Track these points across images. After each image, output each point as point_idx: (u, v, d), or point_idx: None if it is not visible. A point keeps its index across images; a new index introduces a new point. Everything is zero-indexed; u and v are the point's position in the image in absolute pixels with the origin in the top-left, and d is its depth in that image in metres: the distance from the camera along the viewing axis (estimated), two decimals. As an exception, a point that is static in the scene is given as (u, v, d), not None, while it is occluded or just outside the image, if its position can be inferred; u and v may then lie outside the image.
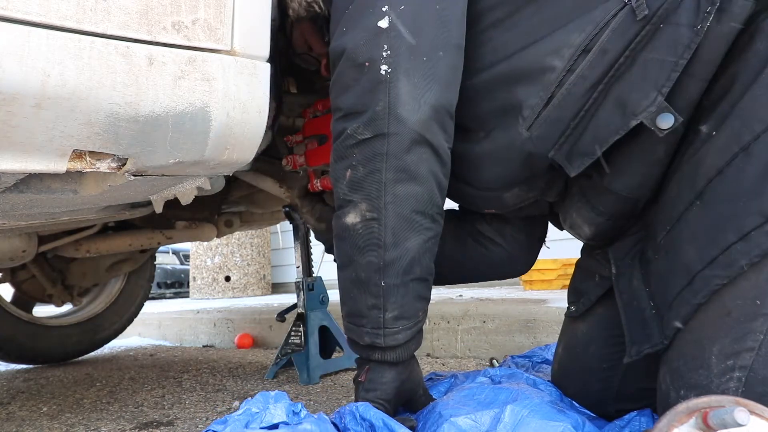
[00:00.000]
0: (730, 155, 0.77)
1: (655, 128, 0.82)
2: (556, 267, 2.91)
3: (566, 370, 1.08)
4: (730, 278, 0.74)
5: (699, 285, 0.77)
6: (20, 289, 2.28)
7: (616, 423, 0.93)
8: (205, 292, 4.67)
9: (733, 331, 0.73)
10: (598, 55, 0.84)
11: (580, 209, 0.99)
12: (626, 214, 0.95)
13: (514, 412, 0.85)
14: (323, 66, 1.24)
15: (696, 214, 0.79)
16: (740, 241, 0.73)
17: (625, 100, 0.84)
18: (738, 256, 0.73)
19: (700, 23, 0.80)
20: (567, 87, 0.86)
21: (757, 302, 0.72)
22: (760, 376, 0.71)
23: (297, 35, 1.20)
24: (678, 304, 0.80)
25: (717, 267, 0.75)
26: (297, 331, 1.86)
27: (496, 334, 2.02)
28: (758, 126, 0.75)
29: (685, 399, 0.74)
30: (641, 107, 0.83)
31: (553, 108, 0.88)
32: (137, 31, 0.74)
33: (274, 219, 2.22)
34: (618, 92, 0.85)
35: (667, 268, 0.83)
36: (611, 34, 0.83)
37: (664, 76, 0.82)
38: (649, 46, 0.83)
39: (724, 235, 0.75)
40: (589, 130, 0.87)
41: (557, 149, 0.90)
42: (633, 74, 0.84)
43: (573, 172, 0.90)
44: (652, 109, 0.82)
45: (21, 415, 1.59)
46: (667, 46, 0.82)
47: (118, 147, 0.79)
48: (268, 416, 0.83)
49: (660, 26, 0.82)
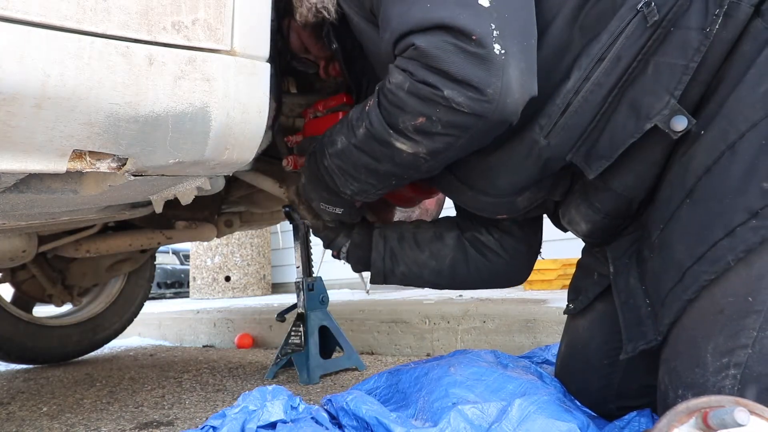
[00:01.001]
0: (717, 154, 0.79)
1: (669, 131, 0.83)
2: (556, 267, 2.90)
3: (568, 367, 1.10)
4: (717, 274, 0.76)
5: (689, 281, 0.79)
6: (20, 289, 2.28)
7: (616, 423, 0.93)
8: (205, 292, 4.67)
9: (727, 328, 0.74)
10: (613, 62, 0.85)
11: (578, 206, 1.00)
12: (621, 213, 0.96)
13: (521, 407, 0.85)
14: (322, 68, 1.24)
15: (686, 212, 0.81)
16: (726, 237, 0.75)
17: (638, 104, 0.85)
18: (724, 252, 0.75)
19: (709, 26, 0.81)
20: (583, 94, 0.86)
21: (749, 299, 0.73)
22: (755, 373, 0.72)
23: (294, 38, 1.19)
24: (670, 301, 0.81)
25: (705, 263, 0.77)
26: (297, 331, 1.86)
27: (496, 334, 2.02)
28: (743, 125, 0.77)
29: (683, 398, 0.75)
30: (655, 110, 0.84)
31: (570, 115, 0.88)
32: (137, 31, 0.74)
33: (274, 219, 2.22)
34: (632, 96, 0.86)
35: (661, 265, 0.85)
36: (625, 41, 0.84)
37: (675, 79, 0.83)
38: (660, 50, 0.84)
39: (712, 231, 0.77)
40: (606, 133, 0.88)
41: (575, 152, 0.91)
42: (645, 78, 0.85)
43: (592, 174, 0.91)
44: (666, 112, 0.83)
45: (21, 415, 1.59)
46: (677, 50, 0.83)
47: (118, 147, 0.79)
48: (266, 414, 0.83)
49: (670, 30, 0.83)
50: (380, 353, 2.28)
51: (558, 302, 2.09)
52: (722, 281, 0.76)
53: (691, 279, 0.78)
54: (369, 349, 2.32)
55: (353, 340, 2.18)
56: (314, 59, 1.24)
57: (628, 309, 0.91)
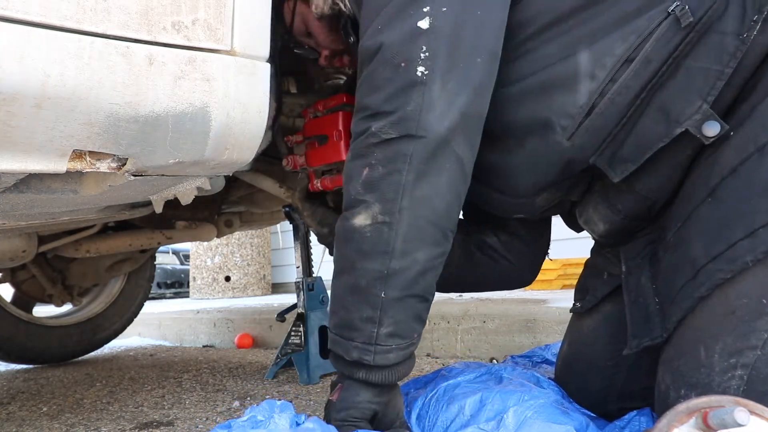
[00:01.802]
0: (745, 155, 0.77)
1: (700, 136, 0.81)
2: (556, 267, 2.90)
3: (570, 366, 1.09)
4: (733, 273, 0.74)
5: (702, 278, 0.77)
6: (20, 289, 2.27)
7: (616, 423, 0.93)
8: (205, 292, 4.67)
9: (737, 329, 0.73)
10: (642, 64, 0.82)
11: (597, 206, 0.98)
12: (641, 215, 0.95)
13: (517, 413, 0.85)
14: (324, 57, 1.21)
15: (706, 210, 0.80)
16: (747, 238, 0.74)
17: (668, 108, 0.84)
18: (743, 252, 0.74)
19: (747, 32, 0.79)
20: (610, 97, 0.84)
21: (762, 301, 0.72)
22: (762, 375, 0.71)
23: (299, 21, 1.15)
24: (680, 298, 0.80)
25: (722, 261, 0.76)
26: (297, 331, 1.86)
27: (496, 334, 2.02)
28: None
29: (686, 398, 0.74)
30: (685, 115, 0.82)
31: (596, 117, 0.86)
32: (137, 31, 0.74)
33: (274, 219, 2.22)
34: (661, 100, 0.84)
35: (674, 263, 0.83)
36: (655, 44, 0.82)
37: (709, 84, 0.81)
38: (692, 53, 0.82)
39: (732, 231, 0.75)
40: (632, 137, 0.87)
41: (599, 155, 0.89)
42: (676, 82, 0.83)
43: (616, 178, 0.89)
44: (698, 117, 0.81)
45: (21, 415, 1.59)
46: (712, 55, 0.81)
47: (118, 147, 0.79)
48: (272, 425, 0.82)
49: (705, 33, 0.81)
50: (380, 353, 2.28)
51: (558, 302, 2.09)
52: (736, 283, 0.75)
53: (705, 276, 0.77)
54: (369, 349, 2.32)
55: (353, 340, 2.17)
56: (315, 46, 1.20)
57: (636, 307, 0.90)
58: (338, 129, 1.20)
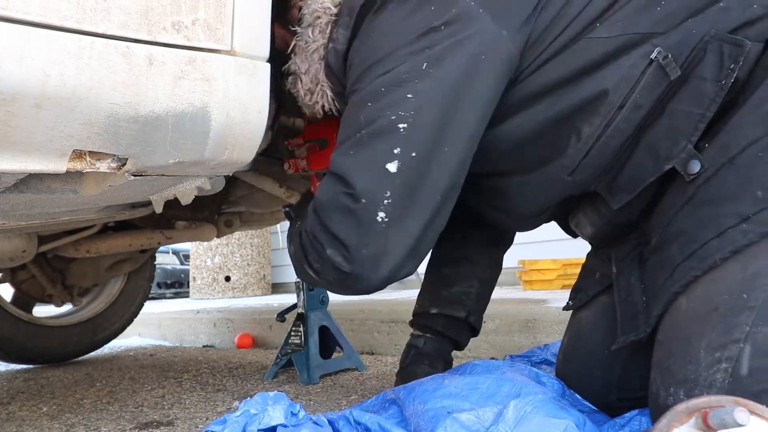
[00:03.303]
0: (718, 165, 0.83)
1: (684, 173, 0.86)
2: (556, 267, 2.90)
3: (570, 358, 1.13)
4: (703, 270, 0.80)
5: (678, 276, 0.83)
6: (20, 289, 2.28)
7: (617, 421, 0.93)
8: (205, 292, 4.67)
9: (721, 325, 0.76)
10: (633, 110, 0.89)
11: (586, 210, 1.04)
12: (622, 221, 1.01)
13: (517, 407, 0.85)
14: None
15: (684, 216, 0.87)
16: (716, 238, 0.80)
17: (656, 147, 0.89)
18: (713, 251, 0.80)
19: (724, 79, 0.84)
20: (604, 140, 0.91)
21: (743, 296, 0.76)
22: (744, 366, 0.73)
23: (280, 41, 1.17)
24: (661, 294, 0.86)
25: (694, 259, 0.82)
26: (297, 331, 1.86)
27: (496, 334, 2.02)
28: (744, 141, 0.82)
29: (675, 396, 0.76)
30: (673, 153, 0.88)
31: (592, 157, 0.93)
32: (137, 31, 0.74)
33: (274, 219, 2.22)
34: (648, 139, 0.90)
35: (657, 263, 0.89)
36: (642, 91, 0.88)
37: (692, 126, 0.86)
38: (676, 97, 0.87)
39: (705, 232, 0.82)
40: (626, 170, 0.93)
41: (598, 183, 0.97)
42: (662, 123, 0.89)
43: (615, 205, 0.96)
44: (683, 156, 0.87)
45: (21, 415, 1.59)
46: (693, 99, 0.86)
47: (118, 147, 0.79)
48: (267, 418, 0.83)
49: (686, 79, 0.86)
50: (380, 353, 2.28)
51: (558, 302, 2.09)
52: (718, 281, 0.79)
53: (680, 274, 0.83)
54: (369, 349, 2.32)
55: (353, 340, 2.18)
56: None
57: (626, 306, 0.96)
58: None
